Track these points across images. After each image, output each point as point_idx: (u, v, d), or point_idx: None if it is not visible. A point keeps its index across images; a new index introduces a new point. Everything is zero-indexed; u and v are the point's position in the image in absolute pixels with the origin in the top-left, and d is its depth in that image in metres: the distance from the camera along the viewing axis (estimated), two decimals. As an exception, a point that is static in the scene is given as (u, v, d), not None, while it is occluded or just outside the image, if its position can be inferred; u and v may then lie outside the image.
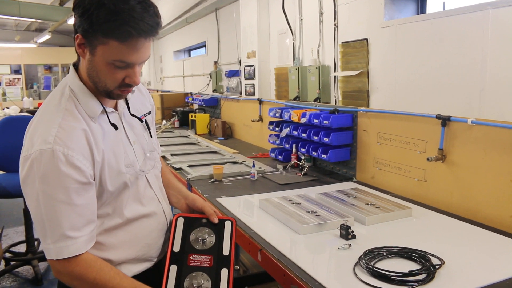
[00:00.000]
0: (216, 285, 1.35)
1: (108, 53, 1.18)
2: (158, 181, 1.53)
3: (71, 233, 1.19)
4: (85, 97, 1.28)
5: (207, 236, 1.45)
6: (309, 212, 1.99)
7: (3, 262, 3.83)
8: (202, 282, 1.34)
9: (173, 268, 1.37)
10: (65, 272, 1.22)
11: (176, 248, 1.42)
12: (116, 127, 1.35)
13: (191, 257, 1.40)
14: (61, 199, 1.17)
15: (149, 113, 1.55)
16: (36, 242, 3.97)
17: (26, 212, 3.80)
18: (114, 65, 1.21)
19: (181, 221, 1.48)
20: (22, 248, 4.07)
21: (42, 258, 3.88)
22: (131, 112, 1.45)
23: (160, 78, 9.26)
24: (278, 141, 3.35)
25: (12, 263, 3.85)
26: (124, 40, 1.16)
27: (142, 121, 1.49)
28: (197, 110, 5.62)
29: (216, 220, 1.47)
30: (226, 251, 1.42)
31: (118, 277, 1.26)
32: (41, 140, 1.18)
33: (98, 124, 1.30)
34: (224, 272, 1.38)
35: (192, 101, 5.78)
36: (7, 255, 3.97)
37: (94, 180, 1.26)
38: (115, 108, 1.40)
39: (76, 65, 1.33)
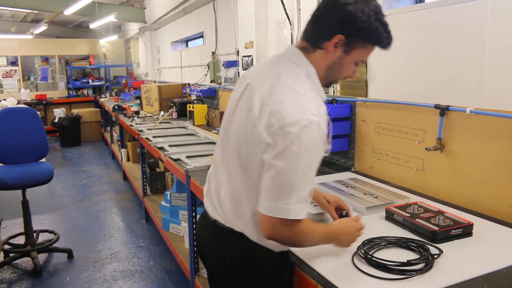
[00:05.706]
0: None
1: (362, 54, 1.41)
2: None
3: (308, 199, 1.31)
4: (318, 82, 1.43)
5: None
6: (307, 202, 1.98)
7: (2, 254, 3.84)
8: None
9: None
10: (287, 231, 1.30)
11: None
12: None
13: None
14: (313, 168, 1.29)
15: None
16: (34, 234, 3.97)
17: (25, 204, 3.80)
18: (356, 63, 1.44)
19: None
20: (21, 240, 4.08)
21: (41, 250, 3.90)
22: None
23: (158, 69, 9.22)
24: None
25: (11, 255, 3.86)
26: (384, 47, 1.39)
27: None
28: (195, 101, 5.60)
29: None
30: None
31: (315, 226, 1.43)
32: (309, 112, 1.27)
33: None
34: None
35: (190, 92, 5.76)
36: (6, 247, 3.97)
37: None
38: None
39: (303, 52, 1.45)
